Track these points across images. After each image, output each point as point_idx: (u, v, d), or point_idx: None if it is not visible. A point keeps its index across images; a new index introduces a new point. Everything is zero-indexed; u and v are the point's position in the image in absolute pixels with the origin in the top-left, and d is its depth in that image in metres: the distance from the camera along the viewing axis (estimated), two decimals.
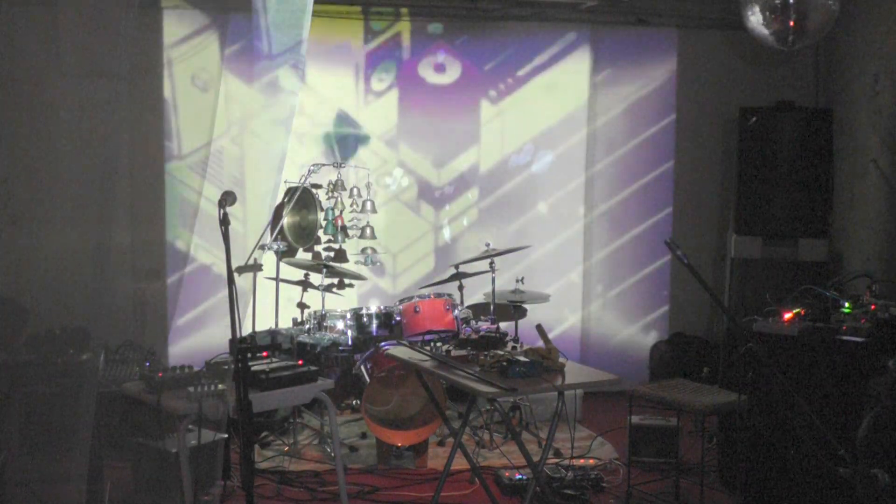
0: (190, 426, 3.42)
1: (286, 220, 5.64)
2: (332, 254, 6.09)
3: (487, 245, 5.61)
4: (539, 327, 3.75)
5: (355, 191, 5.86)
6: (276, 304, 5.43)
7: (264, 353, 3.74)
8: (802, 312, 4.08)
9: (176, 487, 3.72)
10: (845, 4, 4.76)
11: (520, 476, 4.42)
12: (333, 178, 5.82)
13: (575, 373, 3.51)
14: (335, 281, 5.95)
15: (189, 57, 5.95)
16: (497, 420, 5.22)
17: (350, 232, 5.90)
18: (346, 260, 6.08)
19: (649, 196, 6.60)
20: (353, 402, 5.63)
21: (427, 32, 6.34)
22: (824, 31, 4.55)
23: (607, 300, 6.62)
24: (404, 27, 6.31)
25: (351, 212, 5.90)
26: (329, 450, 4.86)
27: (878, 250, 5.54)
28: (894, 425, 3.22)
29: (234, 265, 4.78)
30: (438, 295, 5.29)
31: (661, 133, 6.57)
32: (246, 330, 5.37)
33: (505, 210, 6.48)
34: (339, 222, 5.81)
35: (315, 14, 4.48)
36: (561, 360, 3.53)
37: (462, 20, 6.34)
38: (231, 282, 2.96)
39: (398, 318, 5.28)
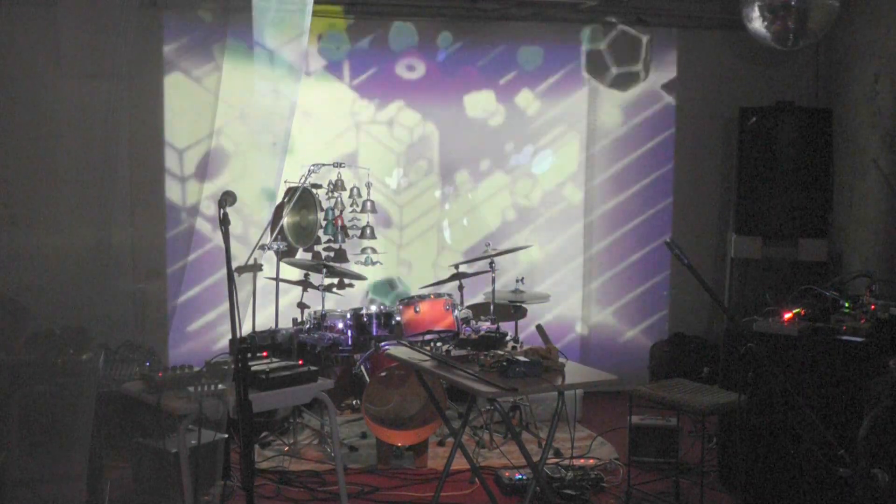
0: (190, 426, 3.42)
1: (286, 220, 5.64)
2: (332, 254, 6.10)
3: (487, 245, 5.61)
4: (539, 327, 3.75)
5: (355, 191, 5.86)
6: (276, 304, 5.43)
7: (264, 353, 3.74)
8: (802, 312, 4.09)
9: (176, 487, 3.72)
10: (845, 4, 4.76)
11: (520, 476, 4.42)
12: (333, 178, 5.81)
13: (575, 373, 3.51)
14: (335, 281, 5.95)
15: (189, 57, 5.95)
16: (497, 420, 5.22)
17: (350, 232, 5.90)
18: (346, 260, 6.08)
19: (649, 196, 6.60)
20: (353, 402, 5.63)
21: (427, 32, 6.33)
22: (825, 30, 4.56)
23: (607, 300, 6.62)
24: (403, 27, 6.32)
25: (351, 212, 5.90)
26: (329, 450, 4.86)
27: (878, 250, 5.54)
28: (894, 425, 3.22)
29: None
30: (438, 295, 5.29)
31: (661, 133, 6.57)
32: (246, 330, 5.37)
33: (505, 210, 6.48)
34: (339, 222, 5.81)
35: (314, 13, 4.48)
36: (561, 360, 3.53)
37: (462, 20, 6.34)
38: (231, 282, 2.96)
39: (398, 318, 5.28)
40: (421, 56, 6.34)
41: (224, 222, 3.07)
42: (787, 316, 4.08)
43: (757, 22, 4.55)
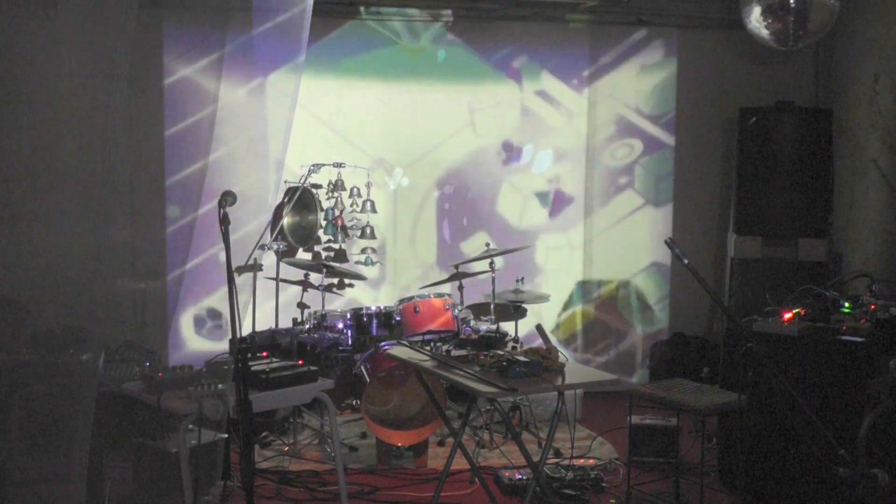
0: (190, 426, 3.42)
1: (286, 220, 5.64)
2: (332, 254, 6.10)
3: (487, 245, 5.61)
4: (539, 327, 3.75)
5: (355, 191, 5.86)
6: (276, 304, 5.43)
7: (264, 353, 3.74)
8: (802, 312, 4.09)
9: (176, 487, 3.72)
10: (845, 4, 4.76)
11: (520, 476, 4.42)
12: (333, 178, 5.82)
13: (575, 373, 3.51)
14: (335, 281, 5.96)
15: (189, 57, 5.95)
16: (497, 420, 5.22)
17: (350, 232, 5.90)
18: (346, 260, 6.08)
19: (649, 196, 6.60)
20: (353, 402, 5.63)
21: (428, 32, 6.34)
22: (824, 30, 4.55)
23: (607, 300, 6.62)
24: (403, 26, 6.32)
25: (351, 212, 5.90)
26: (329, 450, 4.86)
27: (878, 250, 5.54)
28: (894, 425, 3.22)
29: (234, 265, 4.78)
30: (438, 295, 5.29)
31: (661, 133, 6.58)
32: (246, 330, 5.37)
33: (505, 210, 6.48)
34: (339, 222, 5.82)
35: (314, 13, 4.47)
36: (561, 359, 3.53)
37: (462, 20, 6.34)
38: (231, 282, 2.96)
39: (398, 318, 5.28)
40: (421, 56, 6.35)
41: (224, 222, 3.07)
42: (787, 316, 4.08)
43: (757, 22, 4.54)
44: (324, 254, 6.13)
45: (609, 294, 6.62)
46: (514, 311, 5.63)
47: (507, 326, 5.54)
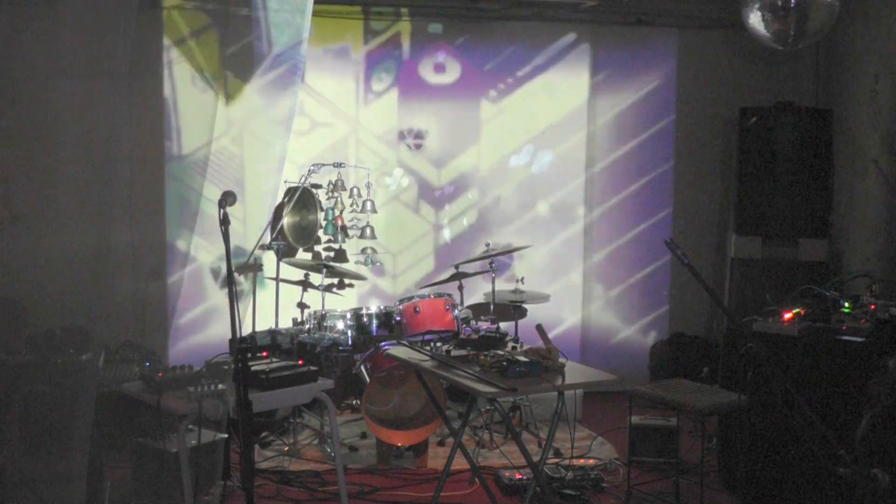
0: (190, 426, 3.42)
1: (286, 220, 5.64)
2: (332, 254, 6.10)
3: (487, 245, 5.61)
4: (539, 327, 3.75)
5: (355, 191, 5.86)
6: (276, 304, 5.43)
7: (264, 353, 3.74)
8: (802, 312, 4.09)
9: (176, 487, 3.72)
10: (845, 4, 4.75)
11: (520, 476, 4.42)
12: (333, 178, 5.82)
13: (575, 373, 3.51)
14: (335, 281, 5.95)
15: (189, 57, 5.95)
16: (497, 420, 5.23)
17: (350, 232, 5.90)
18: (346, 260, 6.08)
19: (649, 196, 6.60)
20: (353, 402, 5.63)
21: (427, 32, 6.34)
22: (824, 30, 4.55)
23: (607, 300, 6.62)
24: (404, 27, 6.31)
25: (351, 212, 5.90)
26: (329, 450, 4.86)
27: (878, 250, 5.54)
28: (894, 425, 3.22)
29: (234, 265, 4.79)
30: (438, 295, 5.29)
31: (661, 133, 6.58)
32: (246, 330, 5.37)
33: (505, 210, 6.48)
34: (339, 222, 5.82)
35: (315, 14, 4.47)
36: (561, 359, 3.53)
37: (462, 20, 6.34)
38: (231, 282, 2.96)
39: (398, 318, 5.28)
40: (420, 56, 6.35)
41: (224, 222, 3.07)
42: (787, 316, 4.08)
43: (757, 22, 4.54)
44: (324, 254, 6.13)
45: (609, 293, 6.61)
46: (514, 311, 5.63)
47: (507, 326, 5.55)
